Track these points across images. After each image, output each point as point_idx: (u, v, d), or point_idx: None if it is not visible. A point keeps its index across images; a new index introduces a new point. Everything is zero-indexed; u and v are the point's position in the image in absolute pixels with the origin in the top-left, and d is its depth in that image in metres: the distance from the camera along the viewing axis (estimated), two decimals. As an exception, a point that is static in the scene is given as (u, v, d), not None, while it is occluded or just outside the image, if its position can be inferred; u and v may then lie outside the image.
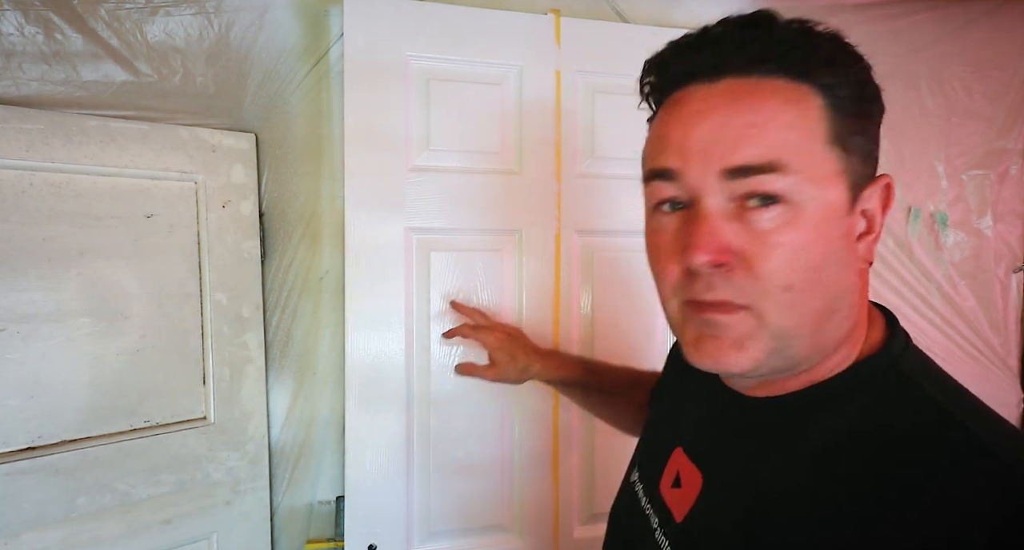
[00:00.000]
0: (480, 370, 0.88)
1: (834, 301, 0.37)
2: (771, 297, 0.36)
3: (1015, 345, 1.44)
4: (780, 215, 0.36)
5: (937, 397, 0.36)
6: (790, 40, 0.36)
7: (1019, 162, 1.41)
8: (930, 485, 0.32)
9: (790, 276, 0.36)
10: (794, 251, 0.36)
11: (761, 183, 0.35)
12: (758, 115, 0.36)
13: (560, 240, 1.10)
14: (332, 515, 1.13)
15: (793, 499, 0.37)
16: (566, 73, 1.09)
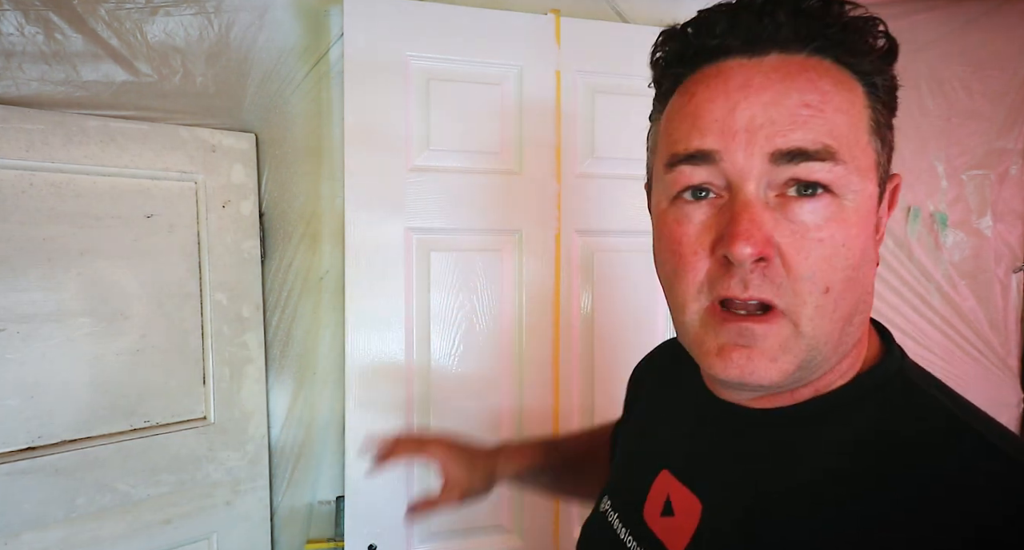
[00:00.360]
0: (441, 500, 0.64)
1: (860, 302, 0.35)
2: (808, 300, 0.33)
3: (1015, 345, 1.44)
4: (825, 207, 0.32)
5: (945, 403, 0.35)
6: (846, 22, 0.33)
7: (1019, 162, 1.41)
8: (935, 485, 0.31)
9: (830, 276, 0.33)
10: (836, 248, 0.32)
11: (810, 171, 0.32)
12: (812, 95, 0.32)
13: (560, 240, 1.10)
14: (332, 515, 1.13)
15: (798, 511, 0.35)
16: (566, 73, 1.09)
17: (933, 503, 0.30)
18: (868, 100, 0.34)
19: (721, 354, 0.35)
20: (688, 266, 0.35)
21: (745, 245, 0.32)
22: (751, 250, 0.32)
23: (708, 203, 0.35)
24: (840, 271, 0.33)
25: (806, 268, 0.32)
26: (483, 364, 1.08)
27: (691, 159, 0.34)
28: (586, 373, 1.13)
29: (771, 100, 0.32)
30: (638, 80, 0.47)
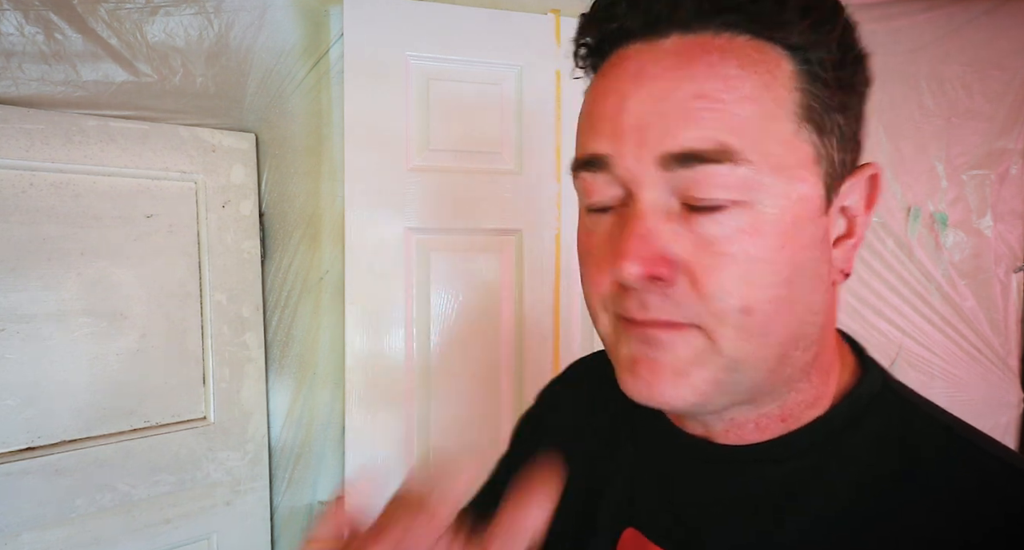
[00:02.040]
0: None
1: (802, 325, 0.30)
2: (726, 320, 0.28)
3: (1015, 345, 1.44)
4: (734, 217, 0.27)
5: (938, 416, 0.32)
6: None
7: (1019, 162, 1.41)
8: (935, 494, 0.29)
9: (747, 295, 0.28)
10: (752, 264, 0.27)
11: (709, 175, 0.27)
12: (710, 83, 0.27)
13: (560, 240, 1.10)
14: (332, 515, 1.13)
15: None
16: (566, 73, 1.09)
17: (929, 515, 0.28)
18: (798, 81, 0.27)
19: (630, 368, 0.31)
20: (593, 281, 0.32)
21: (631, 264, 0.27)
22: (638, 270, 0.27)
23: (613, 213, 0.31)
24: (762, 289, 0.28)
25: (715, 287, 0.28)
26: (483, 364, 1.08)
27: (587, 165, 0.30)
28: (586, 373, 1.13)
29: (662, 92, 0.27)
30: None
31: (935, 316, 1.38)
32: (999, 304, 1.41)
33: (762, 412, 0.33)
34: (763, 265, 0.28)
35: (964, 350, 1.40)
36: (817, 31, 0.27)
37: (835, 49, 0.28)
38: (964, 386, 1.40)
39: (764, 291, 0.28)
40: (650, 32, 0.28)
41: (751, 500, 0.32)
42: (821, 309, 0.30)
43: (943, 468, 0.29)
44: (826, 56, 0.28)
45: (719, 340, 0.28)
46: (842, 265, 0.31)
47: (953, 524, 0.28)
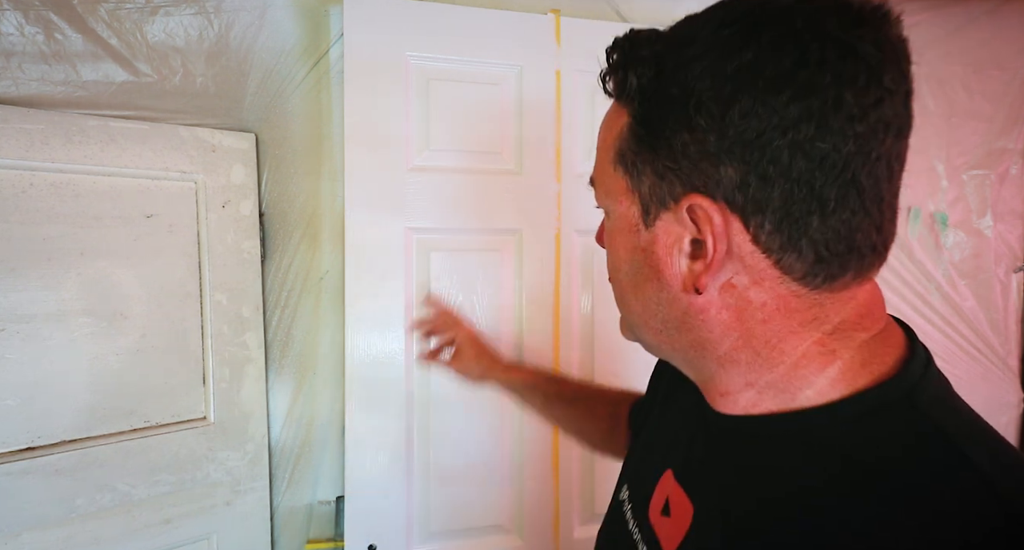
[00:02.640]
0: (444, 360, 0.87)
1: (655, 308, 0.39)
2: (610, 281, 0.44)
3: (1015, 345, 1.44)
4: (605, 218, 0.43)
5: (950, 432, 0.31)
6: (617, 63, 0.37)
7: (1019, 162, 1.41)
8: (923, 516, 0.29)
9: (609, 270, 0.43)
10: (608, 250, 0.42)
11: (593, 193, 0.43)
12: (599, 137, 0.41)
13: (560, 240, 1.10)
14: (332, 515, 1.13)
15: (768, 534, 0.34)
16: (566, 73, 1.09)
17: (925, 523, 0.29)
18: (622, 133, 0.37)
19: None
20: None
21: (596, 237, 0.47)
22: (597, 240, 0.47)
23: None
24: (613, 269, 0.42)
25: (606, 258, 0.44)
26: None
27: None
28: (586, 373, 1.13)
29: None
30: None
31: (935, 316, 1.38)
32: (999, 304, 1.41)
33: (710, 385, 0.40)
34: (611, 252, 0.42)
35: (964, 350, 1.40)
36: (628, 101, 0.37)
37: (640, 108, 0.36)
38: (964, 386, 1.40)
39: (616, 269, 0.42)
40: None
41: (739, 466, 0.38)
42: (672, 304, 0.38)
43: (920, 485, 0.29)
44: (634, 114, 0.36)
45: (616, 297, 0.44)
46: (687, 278, 0.36)
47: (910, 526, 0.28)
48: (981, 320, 1.40)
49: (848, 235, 0.32)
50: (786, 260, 0.33)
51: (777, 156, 0.30)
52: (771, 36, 0.30)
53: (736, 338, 0.36)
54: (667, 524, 0.42)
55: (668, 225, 0.36)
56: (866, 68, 0.30)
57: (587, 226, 1.11)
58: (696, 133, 0.32)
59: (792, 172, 0.31)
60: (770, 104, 0.30)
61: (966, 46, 1.35)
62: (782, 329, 0.35)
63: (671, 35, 0.36)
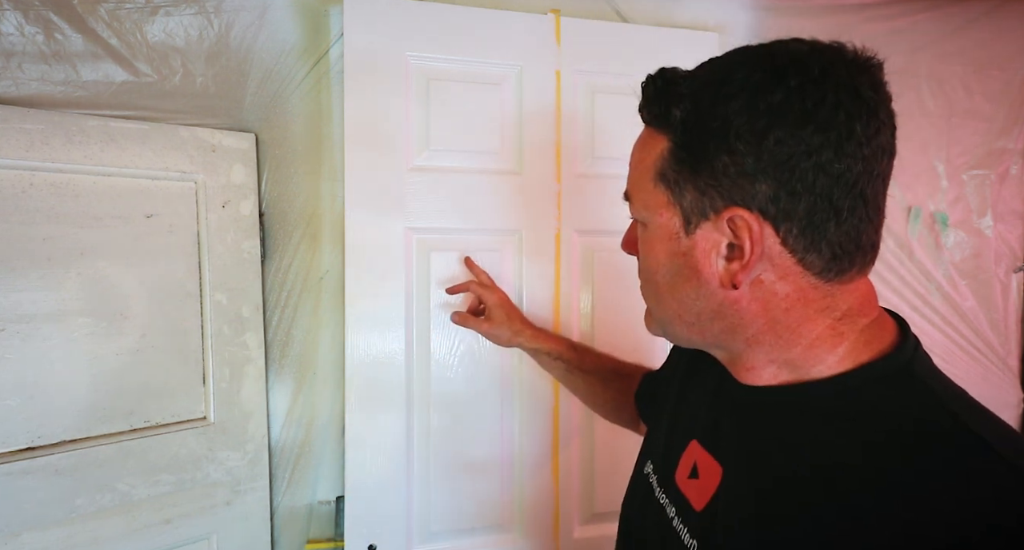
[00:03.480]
0: (475, 321, 0.96)
1: (690, 303, 0.45)
2: (644, 283, 0.50)
3: (1015, 345, 1.44)
4: (640, 228, 0.49)
5: (944, 400, 0.38)
6: (654, 97, 0.44)
7: (1019, 162, 1.41)
8: (934, 482, 0.34)
9: (645, 273, 0.49)
10: (644, 256, 0.48)
11: (628, 206, 0.50)
12: (634, 157, 0.48)
13: (560, 240, 1.10)
14: (332, 515, 1.13)
15: (799, 491, 0.40)
16: (566, 73, 1.09)
17: (938, 500, 0.34)
18: (663, 155, 0.44)
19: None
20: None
21: (623, 244, 0.55)
22: (623, 247, 0.55)
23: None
24: (648, 273, 0.48)
25: (639, 264, 0.50)
26: (483, 364, 1.08)
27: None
28: (586, 373, 1.13)
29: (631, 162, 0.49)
30: (638, 80, 0.47)
31: (935, 316, 1.38)
32: (999, 304, 1.41)
33: (737, 363, 0.47)
34: (647, 258, 0.48)
35: (964, 350, 1.40)
36: (674, 126, 0.43)
37: (681, 136, 0.43)
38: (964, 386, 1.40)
39: (649, 274, 0.48)
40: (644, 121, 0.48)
41: (751, 427, 0.46)
42: (709, 298, 0.44)
43: (928, 445, 0.36)
44: (676, 140, 0.43)
45: (647, 299, 0.51)
46: (724, 276, 0.43)
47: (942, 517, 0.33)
48: (981, 320, 1.40)
49: (856, 237, 0.40)
50: (808, 258, 0.40)
51: (804, 175, 0.38)
52: (797, 81, 0.38)
53: (763, 324, 0.43)
54: (695, 485, 0.49)
55: (708, 233, 0.42)
56: (867, 107, 0.38)
57: (587, 226, 1.11)
58: (735, 156, 0.39)
59: (816, 188, 0.38)
60: (798, 135, 0.37)
61: (966, 46, 1.35)
62: (801, 316, 0.42)
63: (702, 75, 0.42)
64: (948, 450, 0.35)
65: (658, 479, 0.55)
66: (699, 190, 0.42)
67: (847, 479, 0.37)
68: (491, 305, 0.95)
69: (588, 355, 0.90)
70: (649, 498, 0.55)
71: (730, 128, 0.39)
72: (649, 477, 0.57)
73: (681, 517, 0.49)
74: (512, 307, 0.96)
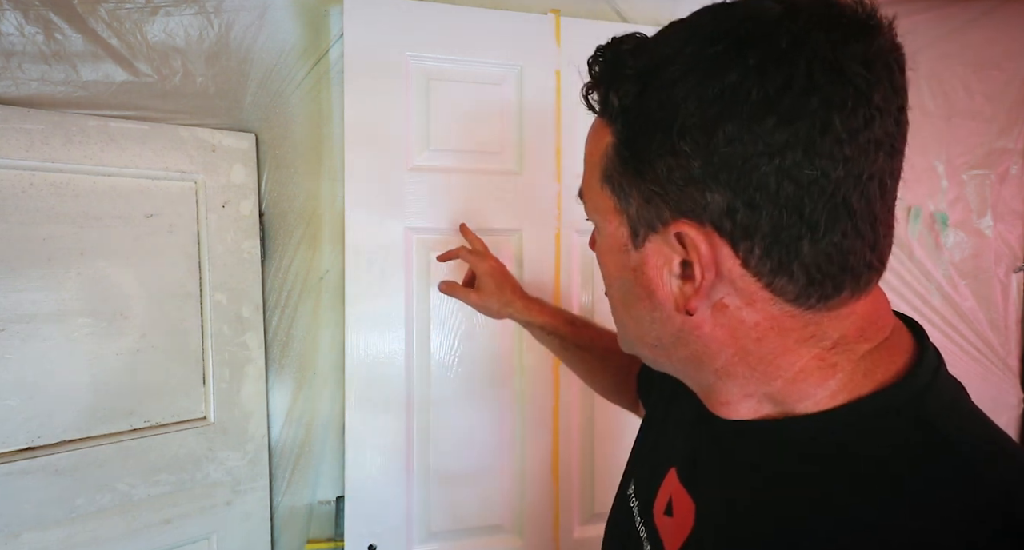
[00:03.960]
0: (463, 291, 0.86)
1: (648, 326, 0.39)
2: (606, 295, 0.43)
3: (1015, 345, 1.44)
4: (595, 232, 0.42)
5: (949, 430, 0.31)
6: (599, 77, 0.36)
7: (1019, 162, 1.41)
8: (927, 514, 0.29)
9: (605, 282, 0.42)
10: (600, 264, 0.42)
11: (582, 206, 0.42)
12: (586, 150, 0.40)
13: (560, 240, 1.10)
14: (332, 515, 1.13)
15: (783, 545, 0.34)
16: (566, 73, 1.09)
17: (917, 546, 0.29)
18: (608, 152, 0.36)
19: None
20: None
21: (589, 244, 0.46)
22: (591, 247, 0.45)
23: None
24: (607, 285, 0.42)
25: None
26: (483, 364, 1.08)
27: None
28: (586, 373, 1.13)
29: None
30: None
31: (935, 316, 1.38)
32: (999, 304, 1.41)
33: (710, 395, 0.40)
34: (602, 267, 0.42)
35: (964, 350, 1.40)
36: (611, 121, 0.35)
37: (625, 129, 0.34)
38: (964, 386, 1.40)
39: (609, 286, 0.42)
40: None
41: (738, 467, 0.39)
42: (658, 320, 0.37)
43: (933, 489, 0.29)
44: (619, 134, 0.35)
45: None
46: (678, 299, 0.35)
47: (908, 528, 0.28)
48: (981, 320, 1.40)
49: (840, 257, 0.31)
50: (777, 283, 0.32)
51: (764, 182, 0.30)
52: (756, 58, 0.29)
53: (732, 354, 0.36)
54: (670, 524, 0.43)
55: (658, 247, 0.35)
56: (854, 90, 0.29)
57: (587, 226, 1.11)
58: (680, 158, 0.31)
59: (780, 198, 0.30)
60: (755, 130, 0.29)
61: (966, 46, 1.35)
62: (777, 347, 0.35)
63: (655, 48, 0.33)
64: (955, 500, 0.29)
65: (639, 506, 0.49)
66: (644, 197, 0.34)
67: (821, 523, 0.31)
68: (480, 274, 0.84)
69: (586, 330, 0.81)
70: (630, 527, 0.48)
71: (675, 121, 0.31)
72: (631, 501, 0.50)
73: None
74: (504, 276, 0.85)
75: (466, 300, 0.86)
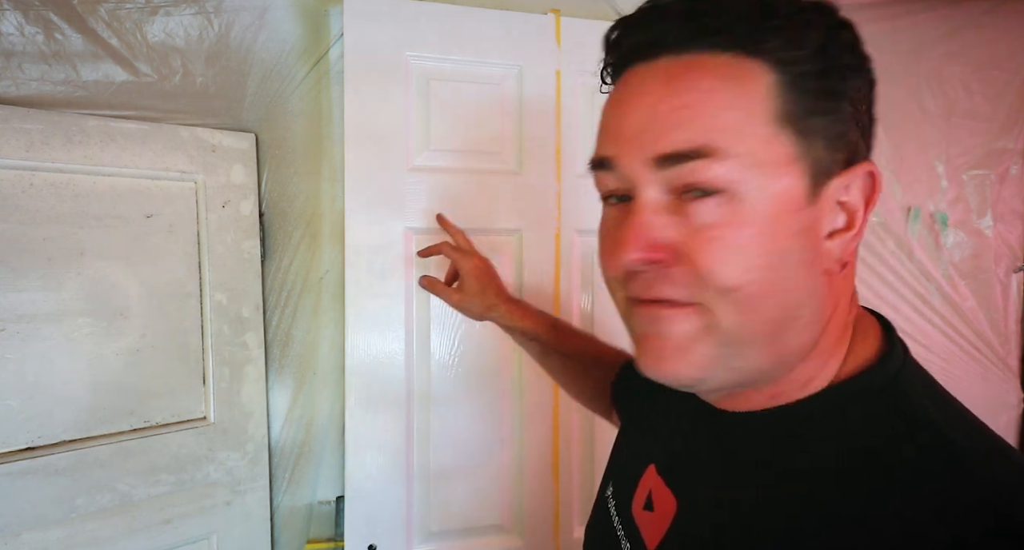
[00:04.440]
0: (445, 291, 0.83)
1: (795, 307, 0.33)
2: (718, 297, 0.32)
3: (1015, 345, 1.44)
4: (719, 206, 0.31)
5: (937, 421, 0.32)
6: (737, 9, 0.32)
7: (1019, 162, 1.41)
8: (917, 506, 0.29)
9: (734, 276, 0.31)
10: (737, 248, 0.31)
11: (694, 171, 0.31)
12: (690, 96, 0.32)
13: (560, 240, 1.10)
14: (332, 515, 1.13)
15: (768, 525, 0.34)
16: (566, 73, 1.09)
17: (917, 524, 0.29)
18: (777, 90, 0.31)
19: (641, 343, 0.36)
20: (607, 265, 0.37)
21: (629, 251, 0.33)
22: (635, 256, 0.33)
23: (621, 208, 0.36)
24: (746, 272, 0.31)
25: (706, 267, 0.32)
26: (483, 364, 1.08)
27: (598, 165, 0.36)
28: (586, 373, 1.13)
29: (653, 104, 0.33)
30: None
31: (935, 316, 1.38)
32: (999, 304, 1.41)
33: (757, 389, 0.37)
34: (746, 249, 0.31)
35: (964, 350, 1.40)
36: (794, 47, 0.31)
37: (814, 62, 0.31)
38: (964, 386, 1.40)
39: (748, 273, 0.31)
40: (648, 55, 0.34)
41: (726, 458, 0.38)
42: (813, 294, 0.33)
43: (915, 473, 0.30)
44: (808, 68, 0.31)
45: (716, 315, 0.32)
46: (841, 255, 0.33)
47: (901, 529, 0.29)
48: (981, 320, 1.40)
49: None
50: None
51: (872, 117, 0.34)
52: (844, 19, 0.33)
53: (832, 319, 0.35)
54: (650, 519, 0.42)
55: (834, 194, 0.32)
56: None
57: (587, 226, 1.11)
58: (865, 91, 0.33)
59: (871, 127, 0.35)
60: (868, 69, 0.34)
61: (966, 46, 1.35)
62: (847, 315, 0.36)
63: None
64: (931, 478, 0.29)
65: (616, 505, 0.48)
66: (832, 134, 0.32)
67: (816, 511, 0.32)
68: (464, 273, 0.80)
69: (570, 338, 0.78)
70: (608, 527, 0.48)
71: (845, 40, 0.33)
72: (608, 502, 0.50)
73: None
74: (489, 277, 0.81)
75: (447, 300, 0.83)
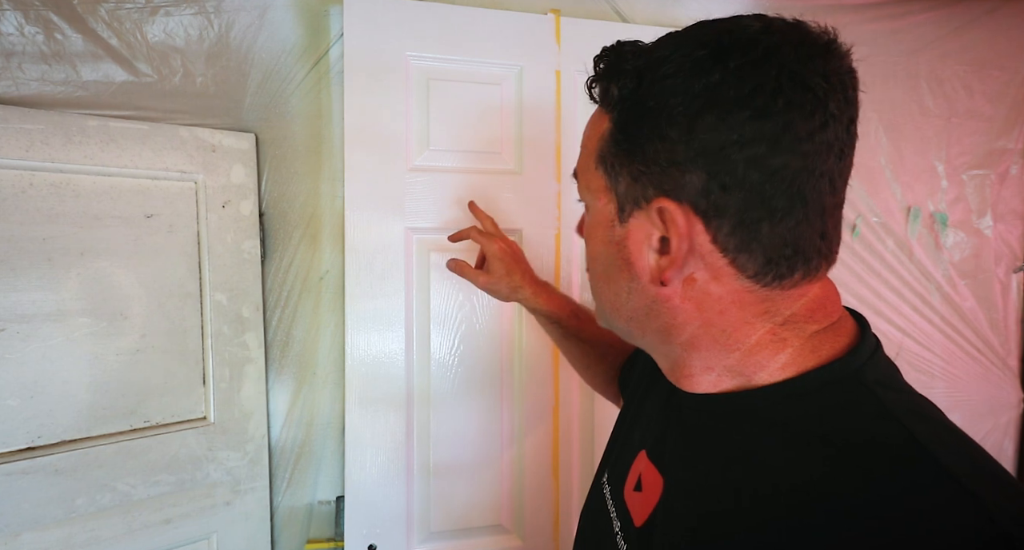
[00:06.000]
0: (472, 273, 0.85)
1: (625, 298, 0.43)
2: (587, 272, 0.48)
3: (1015, 345, 1.44)
4: (585, 212, 0.47)
5: (897, 412, 0.35)
6: (602, 73, 0.41)
7: (1019, 162, 1.41)
8: (890, 507, 0.31)
9: (588, 259, 0.47)
10: (587, 242, 0.47)
11: (576, 186, 0.47)
12: (584, 136, 0.45)
13: (560, 240, 1.10)
14: (332, 515, 1.13)
15: (740, 508, 0.37)
16: (566, 73, 1.09)
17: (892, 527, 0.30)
18: (604, 137, 0.41)
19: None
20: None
21: (576, 228, 0.53)
22: (577, 231, 0.53)
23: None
24: (590, 259, 0.47)
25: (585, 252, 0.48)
26: (483, 364, 1.08)
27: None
28: (586, 373, 1.13)
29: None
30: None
31: (935, 316, 1.38)
32: (999, 304, 1.41)
33: (675, 369, 0.45)
34: (589, 243, 0.46)
35: (964, 350, 1.40)
36: (614, 106, 0.40)
37: (621, 116, 0.40)
38: (964, 386, 1.40)
39: (591, 259, 0.47)
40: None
41: (695, 439, 0.43)
42: (635, 292, 0.42)
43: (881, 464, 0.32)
44: (616, 121, 0.40)
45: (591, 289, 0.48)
46: (653, 272, 0.40)
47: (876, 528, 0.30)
48: (981, 320, 1.40)
49: (794, 241, 0.37)
50: (740, 260, 0.37)
51: (734, 168, 0.35)
52: (736, 62, 0.34)
53: (697, 326, 0.41)
54: (638, 499, 0.47)
55: (640, 223, 0.40)
56: (813, 97, 0.34)
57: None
58: (666, 143, 0.37)
59: (746, 183, 0.35)
60: (730, 122, 0.34)
61: (966, 46, 1.35)
62: (736, 320, 0.40)
63: (653, 51, 0.39)
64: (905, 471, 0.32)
65: (611, 490, 0.52)
66: (633, 176, 0.39)
67: (791, 497, 0.34)
68: (490, 256, 0.84)
69: (588, 324, 0.82)
70: (602, 510, 0.52)
71: (663, 111, 0.36)
72: (604, 487, 0.54)
73: (623, 533, 0.47)
74: (515, 260, 0.84)
75: (474, 281, 0.85)
